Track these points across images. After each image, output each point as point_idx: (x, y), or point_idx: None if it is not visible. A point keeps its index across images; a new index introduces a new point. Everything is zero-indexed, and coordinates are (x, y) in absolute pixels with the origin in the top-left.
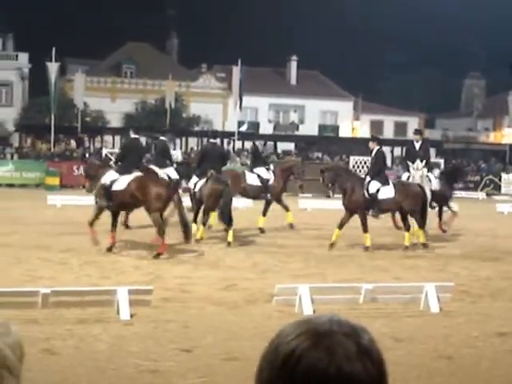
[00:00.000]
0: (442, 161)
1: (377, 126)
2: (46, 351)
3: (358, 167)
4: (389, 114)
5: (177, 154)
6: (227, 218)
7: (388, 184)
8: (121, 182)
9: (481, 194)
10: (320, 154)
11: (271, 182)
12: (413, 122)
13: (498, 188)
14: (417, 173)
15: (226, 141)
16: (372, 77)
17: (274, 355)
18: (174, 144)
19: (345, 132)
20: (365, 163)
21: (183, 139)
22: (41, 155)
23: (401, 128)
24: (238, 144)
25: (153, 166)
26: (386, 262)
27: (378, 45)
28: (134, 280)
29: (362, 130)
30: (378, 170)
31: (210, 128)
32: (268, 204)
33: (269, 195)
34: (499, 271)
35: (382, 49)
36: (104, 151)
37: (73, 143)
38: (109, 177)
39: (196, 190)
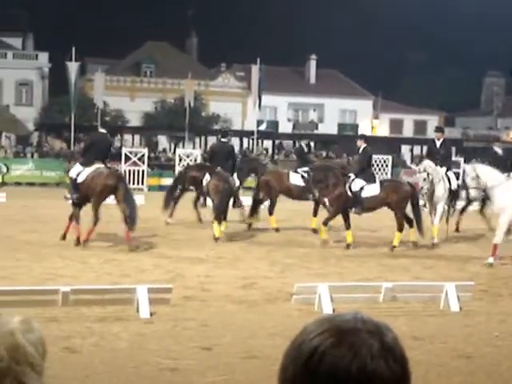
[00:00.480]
0: (461, 159)
1: (396, 125)
2: (66, 349)
3: (378, 166)
4: (408, 113)
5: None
6: (220, 213)
7: (374, 181)
8: (83, 174)
9: None
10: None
11: None
12: (432, 121)
13: None
14: (434, 171)
15: (245, 139)
16: (392, 75)
17: (297, 352)
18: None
19: (364, 131)
20: (384, 162)
21: (202, 138)
22: (61, 154)
23: (420, 126)
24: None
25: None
26: (406, 260)
27: (398, 43)
28: (154, 278)
29: (382, 128)
30: (363, 168)
31: (229, 127)
32: (317, 204)
33: (311, 195)
34: None
35: (402, 47)
36: (124, 150)
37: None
38: (75, 170)
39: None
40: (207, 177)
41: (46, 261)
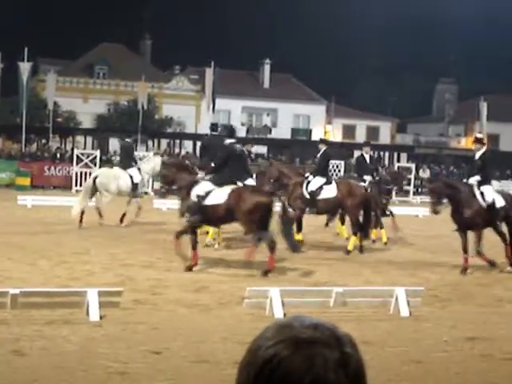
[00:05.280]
0: (413, 165)
1: (349, 130)
2: (14, 352)
3: (331, 171)
4: (361, 119)
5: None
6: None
7: (330, 183)
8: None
9: None
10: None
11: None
12: (385, 127)
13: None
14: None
15: (198, 143)
16: (345, 81)
17: (252, 359)
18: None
19: (317, 136)
20: (337, 167)
21: (155, 141)
22: (12, 155)
23: (373, 132)
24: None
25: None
26: (357, 265)
27: (352, 49)
28: (104, 282)
29: (335, 134)
30: (321, 169)
31: (183, 130)
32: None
33: None
34: (469, 276)
35: (356, 53)
36: (75, 152)
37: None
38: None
39: None
40: None
41: None
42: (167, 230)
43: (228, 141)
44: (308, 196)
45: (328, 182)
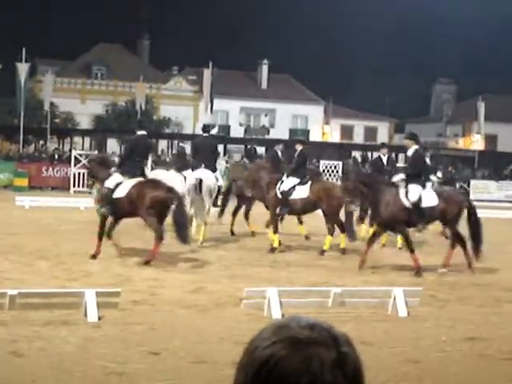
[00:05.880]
0: None
1: (347, 131)
2: (12, 353)
3: (328, 171)
4: (359, 119)
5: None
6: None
7: (305, 183)
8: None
9: None
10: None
11: None
12: (383, 127)
13: (466, 194)
14: None
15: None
16: (343, 81)
17: (249, 359)
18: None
19: (315, 136)
20: (335, 167)
21: (153, 141)
22: (10, 156)
23: (371, 133)
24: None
25: None
26: (355, 265)
27: (350, 49)
28: (103, 282)
29: (333, 134)
30: (296, 169)
31: (181, 131)
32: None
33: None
34: (466, 276)
35: (354, 53)
36: (73, 153)
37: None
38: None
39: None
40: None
41: None
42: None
43: (140, 132)
44: (280, 196)
45: (302, 183)
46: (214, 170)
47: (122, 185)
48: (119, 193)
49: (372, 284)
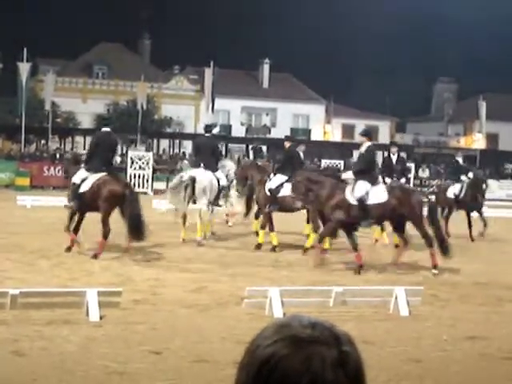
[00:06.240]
0: (412, 165)
1: (348, 130)
2: (14, 352)
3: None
4: (360, 118)
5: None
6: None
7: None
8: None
9: None
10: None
11: None
12: (384, 126)
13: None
14: None
15: None
16: (344, 80)
17: (251, 358)
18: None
19: (316, 135)
20: (336, 166)
21: (155, 141)
22: (11, 156)
23: (372, 132)
24: None
25: None
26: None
27: (351, 48)
28: (104, 282)
29: (334, 133)
30: (285, 167)
31: (182, 130)
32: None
33: None
34: (467, 275)
35: (355, 53)
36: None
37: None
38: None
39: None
40: None
41: None
42: (166, 230)
43: (104, 129)
44: (269, 193)
45: (290, 180)
46: (214, 169)
47: (86, 180)
48: (84, 187)
49: (373, 283)
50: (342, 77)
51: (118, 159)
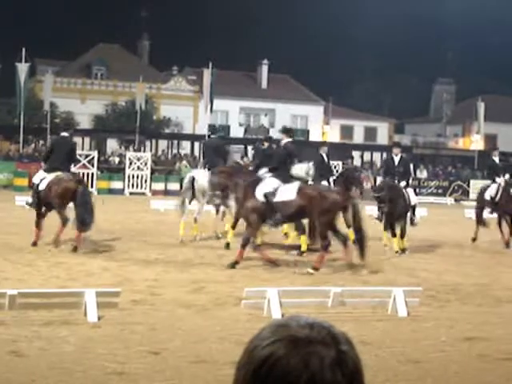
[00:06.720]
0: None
1: (347, 131)
2: (12, 353)
3: None
4: (359, 119)
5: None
6: None
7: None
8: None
9: (449, 200)
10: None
11: None
12: (382, 128)
13: (466, 194)
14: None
15: (196, 144)
16: (343, 81)
17: (248, 359)
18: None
19: (315, 136)
20: (334, 167)
21: (153, 141)
22: (10, 156)
23: (371, 133)
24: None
25: None
26: (355, 265)
27: (349, 50)
28: (103, 282)
29: (332, 134)
30: (257, 165)
31: (180, 131)
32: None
33: None
34: (466, 276)
35: (353, 54)
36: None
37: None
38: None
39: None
40: None
41: None
42: (164, 231)
43: (62, 134)
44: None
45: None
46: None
47: (44, 179)
48: (41, 186)
49: (372, 284)
50: (340, 78)
51: (116, 159)
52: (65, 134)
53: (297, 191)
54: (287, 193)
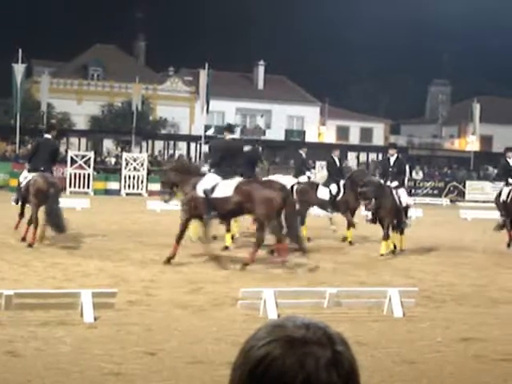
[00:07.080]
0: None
1: (343, 132)
2: (8, 353)
3: None
4: (355, 120)
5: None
6: None
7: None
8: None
9: (445, 201)
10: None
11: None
12: (378, 128)
13: (462, 194)
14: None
15: (193, 145)
16: (339, 82)
17: (244, 359)
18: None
19: (311, 137)
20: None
21: (149, 142)
22: (6, 157)
23: (366, 134)
24: (205, 148)
25: None
26: (350, 266)
27: (345, 51)
28: (99, 283)
29: (328, 135)
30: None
31: (177, 131)
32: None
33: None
34: (462, 277)
35: (349, 54)
36: (70, 153)
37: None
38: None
39: None
40: None
41: None
42: (161, 231)
43: (45, 135)
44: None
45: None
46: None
47: (26, 179)
48: (22, 185)
49: (367, 284)
50: (336, 79)
51: (112, 160)
52: (48, 135)
53: (234, 188)
54: (225, 189)
